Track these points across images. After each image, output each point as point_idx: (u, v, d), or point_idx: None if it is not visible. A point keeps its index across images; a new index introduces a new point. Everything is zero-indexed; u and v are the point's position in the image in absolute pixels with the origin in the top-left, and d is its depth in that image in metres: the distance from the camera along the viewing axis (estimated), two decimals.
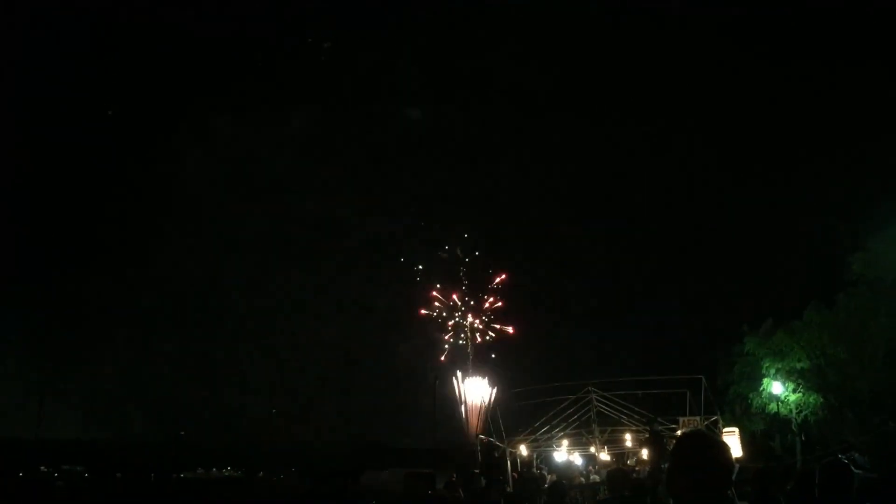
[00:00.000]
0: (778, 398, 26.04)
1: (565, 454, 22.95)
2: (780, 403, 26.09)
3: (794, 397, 25.84)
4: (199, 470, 50.03)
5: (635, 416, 19.02)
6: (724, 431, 19.33)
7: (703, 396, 18.94)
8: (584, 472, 22.79)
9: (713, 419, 18.68)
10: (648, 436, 17.19)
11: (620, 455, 22.09)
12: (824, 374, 25.45)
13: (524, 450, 21.38)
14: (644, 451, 18.48)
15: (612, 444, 21.60)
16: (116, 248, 58.91)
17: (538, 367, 47.51)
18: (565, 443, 21.56)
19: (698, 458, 2.80)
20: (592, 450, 21.20)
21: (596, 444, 20.20)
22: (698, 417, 18.44)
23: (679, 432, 16.08)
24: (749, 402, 27.57)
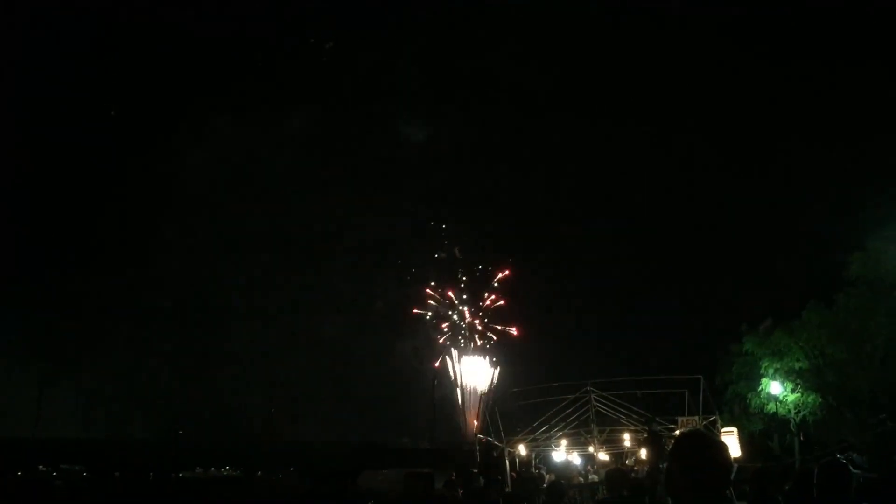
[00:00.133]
0: (776, 398, 26.03)
1: (564, 454, 22.95)
2: (778, 403, 26.08)
3: (792, 397, 25.82)
4: (198, 469, 49.96)
5: (634, 416, 19.01)
6: (722, 431, 19.34)
7: (701, 396, 18.92)
8: (583, 472, 22.81)
9: (712, 419, 18.66)
10: (647, 436, 17.17)
11: (619, 455, 22.10)
12: (823, 374, 25.44)
13: (523, 449, 21.37)
14: (643, 450, 18.47)
15: (611, 443, 21.60)
16: (116, 248, 58.85)
17: (537, 367, 47.61)
18: (564, 442, 21.55)
19: (697, 457, 2.80)
20: (591, 449, 21.18)
21: (594, 444, 20.18)
22: (697, 417, 18.42)
23: (677, 432, 16.08)
24: (747, 401, 27.54)
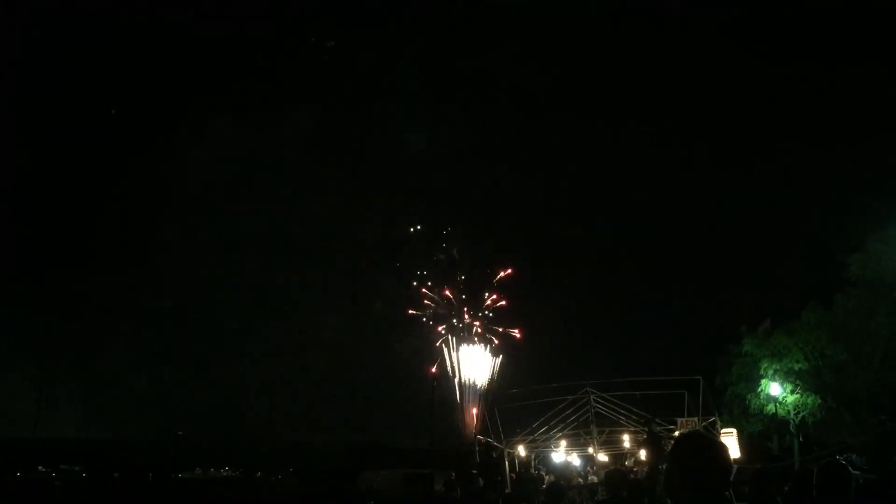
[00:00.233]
0: (776, 399, 26.02)
1: (563, 455, 22.94)
2: (777, 404, 26.07)
3: (792, 398, 25.81)
4: (198, 470, 49.97)
5: (633, 417, 19.00)
6: (722, 432, 19.35)
7: (701, 397, 18.91)
8: (583, 473, 22.81)
9: (711, 420, 18.66)
10: (646, 437, 17.17)
11: (618, 456, 22.08)
12: (822, 375, 25.43)
13: (522, 450, 21.37)
14: (642, 451, 18.45)
15: (610, 444, 21.59)
16: (116, 249, 58.89)
17: (536, 367, 47.61)
18: (563, 443, 21.53)
19: (696, 458, 2.80)
20: (590, 450, 21.17)
21: (594, 445, 20.16)
22: (696, 418, 18.42)
23: (677, 433, 16.08)
24: (747, 402, 27.53)
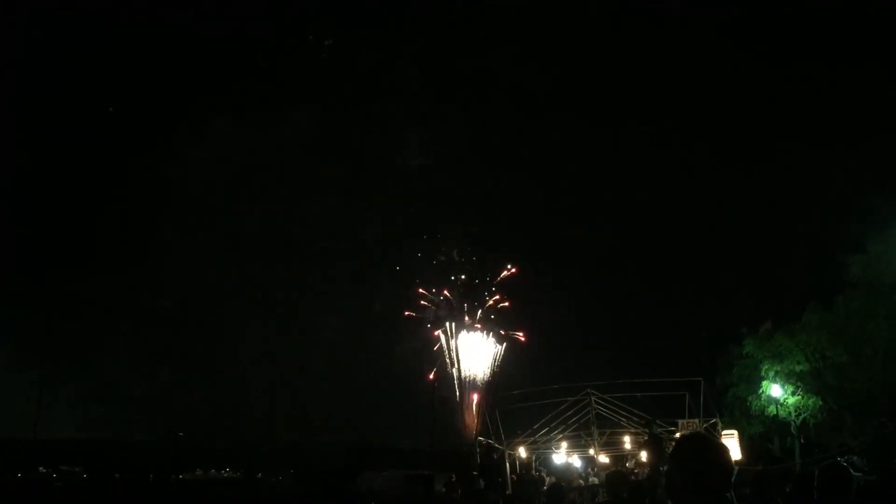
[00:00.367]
0: (777, 401, 26.00)
1: (564, 456, 22.95)
2: (779, 406, 26.05)
3: (793, 400, 25.79)
4: (198, 471, 49.91)
5: (634, 419, 19.01)
6: (723, 434, 19.38)
7: (702, 399, 18.95)
8: (583, 475, 22.80)
9: (712, 421, 18.68)
10: (647, 438, 17.18)
11: (619, 457, 22.09)
12: (823, 377, 25.42)
13: (523, 452, 21.39)
14: (643, 453, 18.47)
15: (611, 446, 21.60)
16: (116, 249, 58.84)
17: (536, 368, 47.52)
18: (564, 445, 21.55)
19: (697, 460, 2.80)
20: (591, 452, 21.18)
21: (595, 447, 20.18)
22: (697, 420, 18.45)
23: (678, 435, 16.08)
24: (748, 404, 27.52)
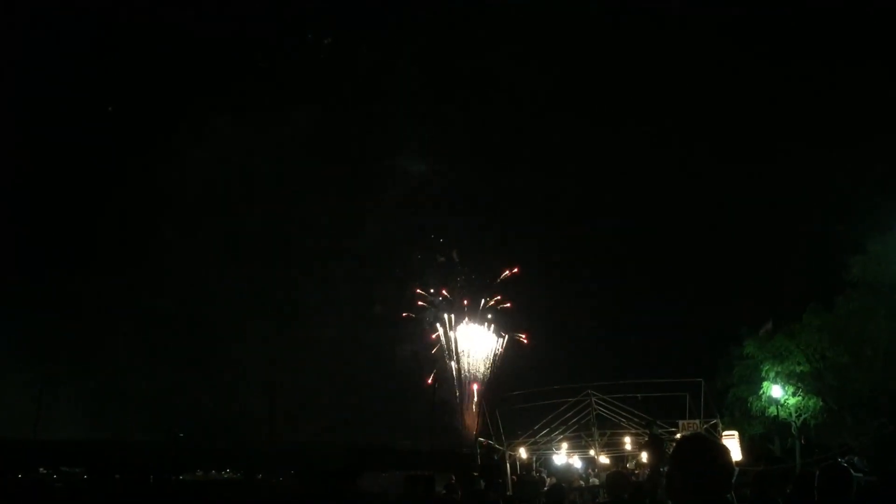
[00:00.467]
0: (777, 401, 25.97)
1: (565, 457, 22.92)
2: (779, 407, 26.02)
3: (793, 400, 25.76)
4: (199, 472, 49.87)
5: (635, 420, 19.00)
6: (723, 435, 19.35)
7: (702, 399, 18.94)
8: (584, 476, 22.79)
9: (713, 422, 18.66)
10: (648, 439, 17.16)
11: (620, 458, 22.07)
12: (823, 378, 25.40)
13: (523, 452, 21.35)
14: (643, 454, 18.45)
15: (612, 447, 21.58)
16: (117, 249, 58.82)
17: (537, 368, 47.52)
18: (565, 446, 21.53)
19: (698, 461, 2.79)
20: (592, 453, 21.18)
21: (595, 447, 20.17)
22: (698, 420, 18.44)
23: (678, 435, 16.07)
24: (748, 405, 27.49)
